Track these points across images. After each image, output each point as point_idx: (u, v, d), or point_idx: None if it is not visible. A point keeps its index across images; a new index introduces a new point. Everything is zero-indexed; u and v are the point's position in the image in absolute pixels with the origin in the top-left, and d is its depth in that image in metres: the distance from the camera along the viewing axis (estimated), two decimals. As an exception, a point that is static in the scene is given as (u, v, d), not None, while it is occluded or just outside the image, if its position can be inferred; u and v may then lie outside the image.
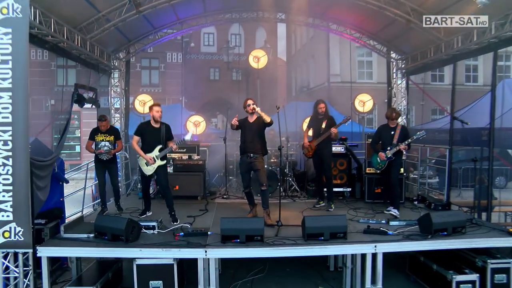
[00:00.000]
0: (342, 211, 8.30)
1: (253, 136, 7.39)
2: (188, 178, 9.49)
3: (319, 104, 8.55)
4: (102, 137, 8.16)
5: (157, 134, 7.46)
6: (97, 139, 8.17)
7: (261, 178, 7.38)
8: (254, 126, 7.41)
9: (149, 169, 7.51)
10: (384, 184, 8.22)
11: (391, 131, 7.93)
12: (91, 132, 8.27)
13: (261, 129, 7.40)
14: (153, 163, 7.42)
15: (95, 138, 8.17)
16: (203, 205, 8.96)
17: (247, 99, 7.47)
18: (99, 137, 8.16)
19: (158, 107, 7.48)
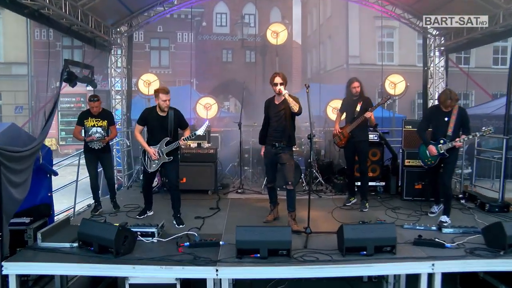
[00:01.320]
0: (378, 212, 6.89)
1: (279, 121, 5.95)
2: (197, 170, 8.10)
3: (353, 83, 7.06)
4: (93, 122, 6.81)
5: (163, 123, 6.07)
6: (87, 125, 6.81)
7: (288, 174, 5.96)
8: (281, 109, 5.95)
9: (153, 165, 6.15)
10: (432, 183, 6.70)
11: (445, 116, 6.24)
12: (80, 115, 6.91)
13: (290, 113, 5.95)
14: (157, 158, 6.06)
15: (85, 123, 6.82)
16: (214, 201, 7.58)
17: (275, 74, 5.91)
18: (89, 122, 6.81)
19: (165, 95, 5.99)
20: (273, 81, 5.89)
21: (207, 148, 8.28)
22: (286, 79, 5.90)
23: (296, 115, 5.93)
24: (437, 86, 9.78)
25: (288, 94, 5.75)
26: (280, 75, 5.88)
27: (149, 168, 6.20)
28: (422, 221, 6.30)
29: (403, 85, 10.54)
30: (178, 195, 6.19)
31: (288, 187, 5.98)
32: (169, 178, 6.25)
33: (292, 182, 5.98)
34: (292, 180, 5.99)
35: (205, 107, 10.52)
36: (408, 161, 7.74)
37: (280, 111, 5.94)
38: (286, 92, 5.75)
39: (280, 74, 5.89)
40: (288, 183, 5.95)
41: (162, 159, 6.08)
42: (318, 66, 28.11)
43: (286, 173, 5.97)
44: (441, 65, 9.85)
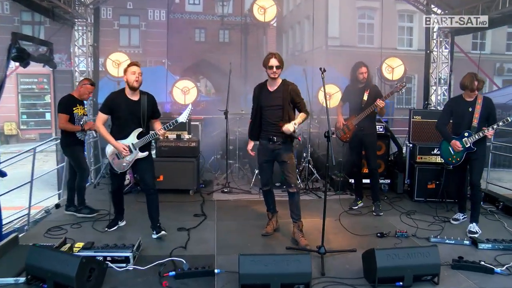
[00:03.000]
0: (392, 218, 5.83)
1: (275, 113, 4.74)
2: (177, 166, 6.79)
3: (360, 68, 5.90)
4: (82, 110, 5.73)
5: (135, 110, 4.73)
6: (78, 113, 5.65)
7: (290, 175, 4.80)
8: (277, 98, 4.74)
9: (123, 164, 4.83)
10: (458, 185, 5.63)
11: (469, 106, 5.24)
12: (67, 102, 5.58)
13: (289, 102, 4.73)
14: (128, 154, 4.74)
15: (74, 112, 5.57)
16: (197, 204, 6.33)
17: (270, 55, 4.69)
18: (79, 110, 5.65)
19: (136, 67, 4.70)
20: (267, 63, 4.67)
21: (188, 141, 6.97)
22: (283, 62, 4.69)
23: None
24: (441, 71, 8.74)
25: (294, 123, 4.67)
26: (277, 57, 4.67)
27: (118, 169, 4.87)
28: (446, 230, 5.28)
29: (402, 69, 9.45)
30: (156, 200, 4.91)
31: (290, 189, 4.82)
32: (144, 179, 4.90)
33: (296, 184, 4.81)
34: (296, 182, 4.82)
35: (183, 91, 9.14)
36: (420, 157, 6.68)
37: (275, 100, 4.74)
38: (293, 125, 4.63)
39: (277, 56, 4.68)
40: (291, 185, 4.79)
41: (134, 154, 4.78)
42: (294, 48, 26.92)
43: (287, 173, 4.81)
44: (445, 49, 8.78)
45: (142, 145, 4.77)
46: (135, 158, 4.79)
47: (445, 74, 8.74)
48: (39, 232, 4.96)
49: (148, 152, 4.88)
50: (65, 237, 4.44)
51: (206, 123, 9.01)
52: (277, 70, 4.62)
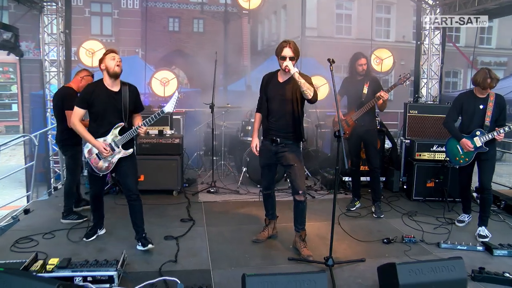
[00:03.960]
0: (394, 220, 5.43)
1: (283, 108, 4.19)
2: (159, 165, 6.18)
3: (359, 60, 5.44)
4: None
5: (115, 102, 4.10)
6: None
7: (297, 180, 4.25)
8: (286, 91, 4.18)
9: (105, 165, 4.21)
10: (464, 186, 5.24)
11: (480, 103, 4.84)
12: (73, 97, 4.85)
13: (298, 97, 4.19)
14: (109, 154, 4.13)
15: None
16: (183, 207, 5.77)
17: (284, 43, 4.07)
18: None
19: (115, 54, 4.08)
20: (280, 52, 4.07)
21: (171, 137, 6.35)
22: (298, 51, 4.12)
23: (310, 103, 4.21)
24: (432, 63, 8.38)
25: (298, 73, 4.01)
26: (291, 46, 4.05)
27: (99, 171, 4.25)
28: (454, 233, 4.90)
29: (391, 61, 9.04)
30: (140, 207, 4.30)
31: (297, 197, 4.29)
32: (126, 183, 4.27)
33: (304, 191, 4.30)
34: (304, 189, 4.30)
35: (162, 82, 8.48)
36: (419, 154, 6.29)
37: (284, 93, 4.19)
38: (296, 71, 3.99)
39: (291, 44, 4.06)
40: (298, 192, 4.26)
41: (117, 153, 4.18)
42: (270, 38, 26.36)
43: (294, 179, 4.27)
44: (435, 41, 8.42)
45: (125, 142, 4.16)
46: (118, 157, 4.18)
47: (435, 67, 8.37)
48: (5, 245, 4.28)
49: (132, 150, 4.29)
50: (36, 252, 3.80)
51: (188, 116, 8.42)
52: (289, 61, 4.00)
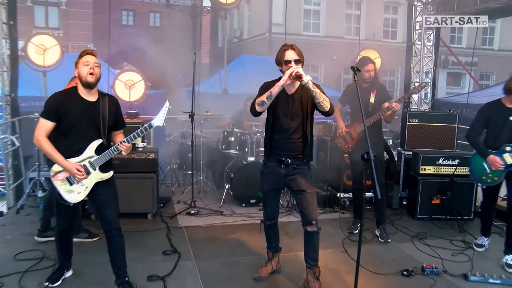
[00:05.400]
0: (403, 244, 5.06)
1: (294, 124, 3.71)
2: (131, 184, 5.49)
3: (366, 66, 5.01)
4: None
5: (92, 114, 3.47)
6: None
7: (310, 208, 3.76)
8: (296, 104, 3.70)
9: (76, 191, 3.51)
10: (488, 207, 4.91)
11: (510, 114, 4.52)
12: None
13: (309, 111, 3.71)
14: (84, 177, 3.47)
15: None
16: (161, 234, 5.13)
17: (286, 46, 3.62)
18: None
19: (90, 57, 3.42)
20: (283, 57, 3.60)
21: (145, 151, 5.69)
22: (303, 55, 3.64)
23: (326, 116, 3.74)
24: (424, 65, 8.14)
25: (311, 80, 3.51)
26: (295, 49, 3.61)
27: (70, 199, 3.54)
28: (476, 261, 4.57)
29: (378, 63, 8.78)
30: (122, 244, 3.68)
31: (309, 228, 3.80)
32: (106, 216, 3.62)
33: (317, 221, 3.81)
34: (317, 218, 3.81)
35: (127, 84, 7.76)
36: (423, 167, 5.97)
37: (294, 107, 3.69)
38: (309, 78, 3.49)
39: (294, 47, 3.61)
40: (311, 222, 3.76)
41: (93, 176, 3.52)
42: (232, 34, 25.83)
43: (306, 207, 3.78)
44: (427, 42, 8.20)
45: (103, 162, 3.51)
46: (95, 181, 3.52)
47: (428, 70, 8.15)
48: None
49: (112, 172, 3.65)
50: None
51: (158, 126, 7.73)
52: (297, 65, 3.53)
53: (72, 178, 3.46)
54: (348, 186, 6.32)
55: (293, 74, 3.45)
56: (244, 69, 12.89)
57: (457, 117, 6.29)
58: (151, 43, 24.57)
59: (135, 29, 24.67)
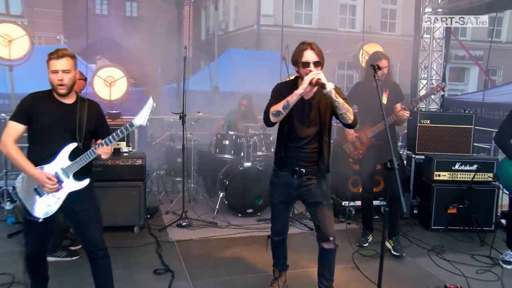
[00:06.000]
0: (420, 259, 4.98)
1: (310, 133, 3.58)
2: (116, 194, 5.31)
3: (379, 61, 4.83)
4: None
5: (67, 116, 3.28)
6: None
7: (327, 223, 3.67)
8: (313, 112, 3.56)
9: (46, 203, 3.28)
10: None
11: None
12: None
13: (328, 118, 3.59)
14: (56, 187, 3.25)
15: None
16: (150, 249, 4.96)
17: (305, 45, 3.44)
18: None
19: (59, 62, 3.17)
20: (300, 57, 3.43)
21: (131, 156, 5.50)
22: (323, 55, 3.49)
23: (349, 128, 3.66)
24: (433, 61, 8.08)
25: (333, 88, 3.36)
26: (315, 48, 3.44)
27: (40, 213, 3.27)
28: (506, 280, 4.48)
29: (383, 58, 8.70)
30: (108, 266, 3.48)
31: (326, 245, 3.69)
32: (88, 234, 3.40)
33: (334, 237, 3.69)
34: (334, 234, 3.70)
35: (107, 81, 7.54)
36: (437, 173, 5.89)
37: (311, 115, 3.56)
38: (332, 87, 3.34)
39: (314, 47, 3.45)
40: (328, 238, 3.66)
41: (67, 186, 3.30)
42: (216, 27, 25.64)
43: (322, 221, 3.67)
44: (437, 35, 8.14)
45: (78, 169, 3.30)
46: (68, 191, 3.30)
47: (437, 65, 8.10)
48: None
49: (89, 180, 3.43)
50: None
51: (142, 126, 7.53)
52: (316, 68, 3.39)
53: (41, 188, 3.24)
54: (354, 194, 6.24)
55: (313, 81, 3.30)
56: (232, 65, 12.80)
57: (474, 118, 6.21)
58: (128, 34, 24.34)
59: (109, 19, 24.32)
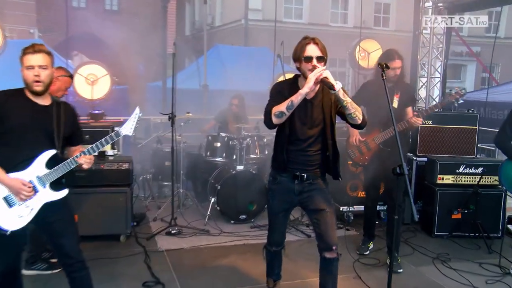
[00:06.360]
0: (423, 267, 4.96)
1: (313, 134, 3.51)
2: (101, 201, 5.21)
3: (393, 61, 4.70)
4: None
5: (43, 120, 3.17)
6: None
7: (329, 231, 3.59)
8: (316, 111, 3.49)
9: (17, 215, 3.11)
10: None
11: None
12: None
13: (333, 118, 3.51)
14: (31, 194, 3.12)
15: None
16: (138, 259, 4.87)
17: (307, 40, 3.36)
18: None
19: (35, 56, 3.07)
20: (303, 52, 3.34)
21: (117, 160, 5.39)
22: (326, 51, 3.41)
23: (358, 129, 3.64)
24: (433, 58, 8.08)
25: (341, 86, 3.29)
26: (318, 43, 3.36)
27: (10, 225, 3.09)
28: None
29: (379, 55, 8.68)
30: (88, 279, 3.35)
31: (328, 254, 3.62)
32: (64, 246, 3.27)
33: (337, 246, 3.63)
34: (337, 242, 3.64)
35: (88, 79, 7.39)
36: (441, 177, 5.87)
37: (314, 115, 3.49)
38: (340, 87, 3.26)
39: (318, 41, 3.37)
40: (331, 247, 3.59)
41: (42, 196, 3.17)
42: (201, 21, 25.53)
43: (325, 229, 3.59)
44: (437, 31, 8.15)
45: (56, 178, 3.18)
46: (44, 202, 3.18)
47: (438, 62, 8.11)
48: None
49: (67, 191, 3.32)
50: None
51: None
52: (319, 63, 3.31)
53: (14, 197, 3.10)
54: (353, 199, 6.22)
55: (319, 79, 3.23)
56: (220, 61, 12.71)
57: (478, 118, 6.22)
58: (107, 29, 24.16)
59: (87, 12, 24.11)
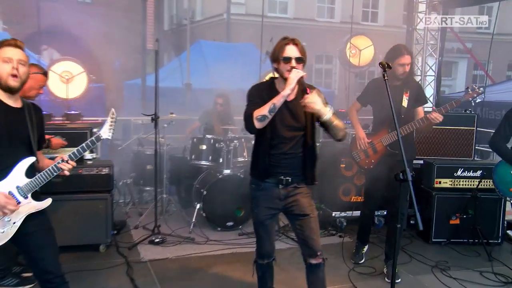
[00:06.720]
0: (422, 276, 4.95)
1: (294, 138, 3.50)
2: (79, 209, 5.10)
3: (401, 57, 4.62)
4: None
5: (18, 124, 3.06)
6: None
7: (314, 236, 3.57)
8: (298, 114, 3.48)
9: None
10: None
11: None
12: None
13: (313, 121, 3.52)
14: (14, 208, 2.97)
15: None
16: (120, 271, 4.78)
17: (287, 40, 3.37)
18: None
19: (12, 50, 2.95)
20: (281, 52, 3.34)
21: (97, 165, 5.27)
22: (305, 53, 3.41)
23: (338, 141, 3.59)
24: (428, 55, 8.12)
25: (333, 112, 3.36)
26: (298, 44, 3.38)
27: None
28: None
29: (371, 52, 8.72)
30: None
31: (313, 260, 3.58)
32: (43, 260, 3.15)
33: (321, 252, 3.60)
34: (320, 248, 3.60)
35: (63, 77, 7.22)
36: (438, 180, 5.88)
37: (295, 118, 3.48)
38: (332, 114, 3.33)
39: (297, 42, 3.38)
40: (316, 253, 3.57)
41: (24, 208, 3.05)
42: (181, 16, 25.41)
43: (309, 235, 3.57)
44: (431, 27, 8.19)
45: (38, 186, 3.08)
46: (26, 214, 3.08)
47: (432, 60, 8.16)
48: None
49: (51, 200, 3.21)
50: None
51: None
52: (297, 65, 3.32)
53: None
54: (345, 203, 6.21)
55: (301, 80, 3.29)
56: (203, 58, 12.62)
57: (476, 118, 6.24)
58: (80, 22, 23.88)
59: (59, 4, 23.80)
